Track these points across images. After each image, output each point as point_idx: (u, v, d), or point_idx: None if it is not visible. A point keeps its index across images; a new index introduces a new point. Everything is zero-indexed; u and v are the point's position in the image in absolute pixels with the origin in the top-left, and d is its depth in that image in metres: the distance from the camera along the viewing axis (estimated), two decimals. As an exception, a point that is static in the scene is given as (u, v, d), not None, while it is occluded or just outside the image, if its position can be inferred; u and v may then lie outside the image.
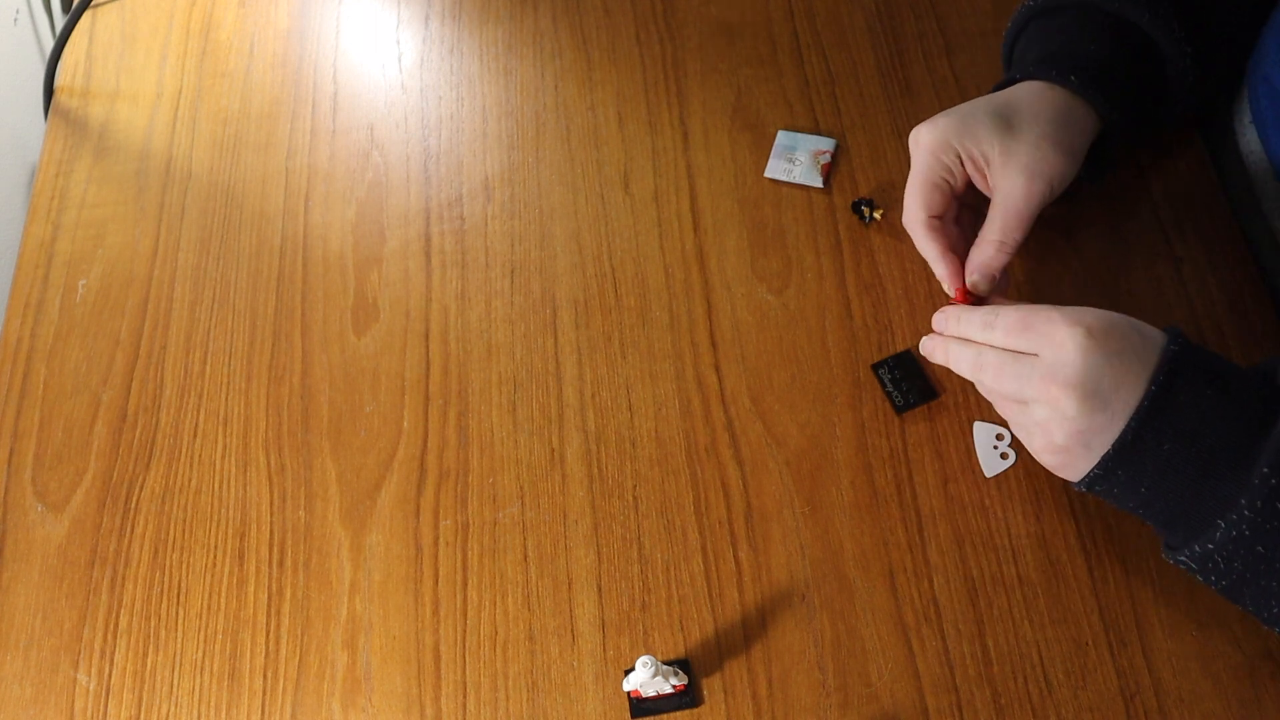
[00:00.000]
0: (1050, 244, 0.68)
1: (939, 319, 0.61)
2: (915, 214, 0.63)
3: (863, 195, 0.71)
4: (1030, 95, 0.62)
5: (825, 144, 0.73)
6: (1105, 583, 0.59)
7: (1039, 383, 0.52)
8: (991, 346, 0.56)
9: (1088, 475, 0.53)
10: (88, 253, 0.77)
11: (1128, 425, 0.50)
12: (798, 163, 0.73)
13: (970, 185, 0.63)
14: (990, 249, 0.61)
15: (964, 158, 0.61)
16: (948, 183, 0.62)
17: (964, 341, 0.58)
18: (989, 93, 0.65)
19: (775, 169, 0.73)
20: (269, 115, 0.81)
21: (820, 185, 0.72)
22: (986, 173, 0.61)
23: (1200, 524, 0.50)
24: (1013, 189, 0.60)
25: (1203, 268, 0.67)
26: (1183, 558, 0.51)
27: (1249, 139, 0.67)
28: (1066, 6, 0.65)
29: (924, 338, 0.62)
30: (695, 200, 0.73)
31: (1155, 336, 0.53)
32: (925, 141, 0.62)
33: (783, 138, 0.74)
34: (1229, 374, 0.51)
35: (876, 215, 0.70)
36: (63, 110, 0.84)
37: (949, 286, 0.62)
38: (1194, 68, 0.63)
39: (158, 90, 0.84)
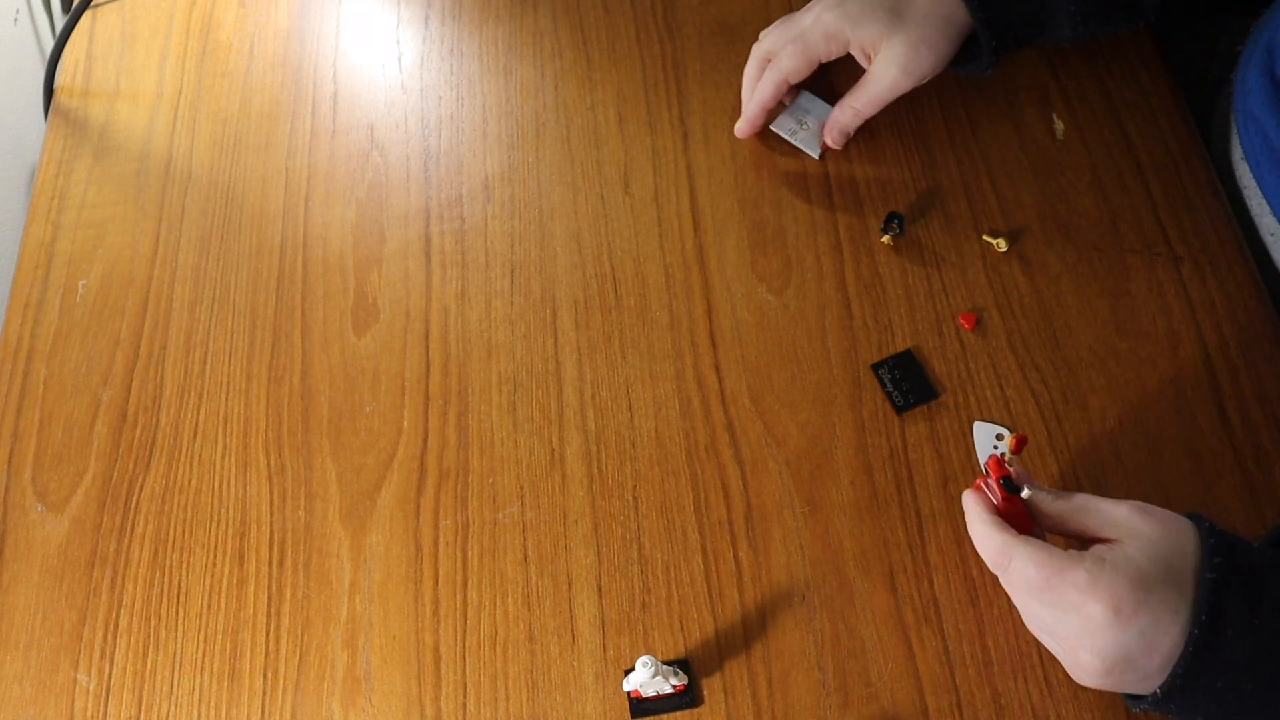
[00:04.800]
0: (1050, 244, 0.68)
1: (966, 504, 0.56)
2: (783, 70, 0.70)
3: (893, 209, 0.70)
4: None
5: (819, 108, 0.74)
6: (1105, 583, 0.59)
7: (1064, 640, 0.50)
8: (1014, 566, 0.51)
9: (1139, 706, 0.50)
10: (88, 253, 0.77)
11: (1174, 671, 0.47)
12: (805, 126, 0.73)
13: None
14: (849, 114, 0.71)
15: (853, 45, 0.69)
16: (819, 61, 0.70)
17: (993, 524, 0.53)
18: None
19: (782, 124, 0.74)
20: (269, 115, 0.81)
21: (816, 155, 0.73)
22: (871, 57, 0.69)
23: None
24: (884, 77, 0.68)
25: (1203, 268, 0.67)
26: None
27: (1243, 173, 0.68)
28: None
29: (965, 493, 0.56)
30: (695, 200, 0.73)
31: (1188, 557, 0.48)
32: (826, 23, 0.69)
33: (804, 98, 0.74)
34: (1272, 579, 0.48)
35: (886, 239, 0.70)
36: (63, 110, 0.84)
37: (744, 125, 0.73)
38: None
39: (158, 90, 0.84)
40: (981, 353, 0.66)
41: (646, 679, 0.53)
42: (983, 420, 0.64)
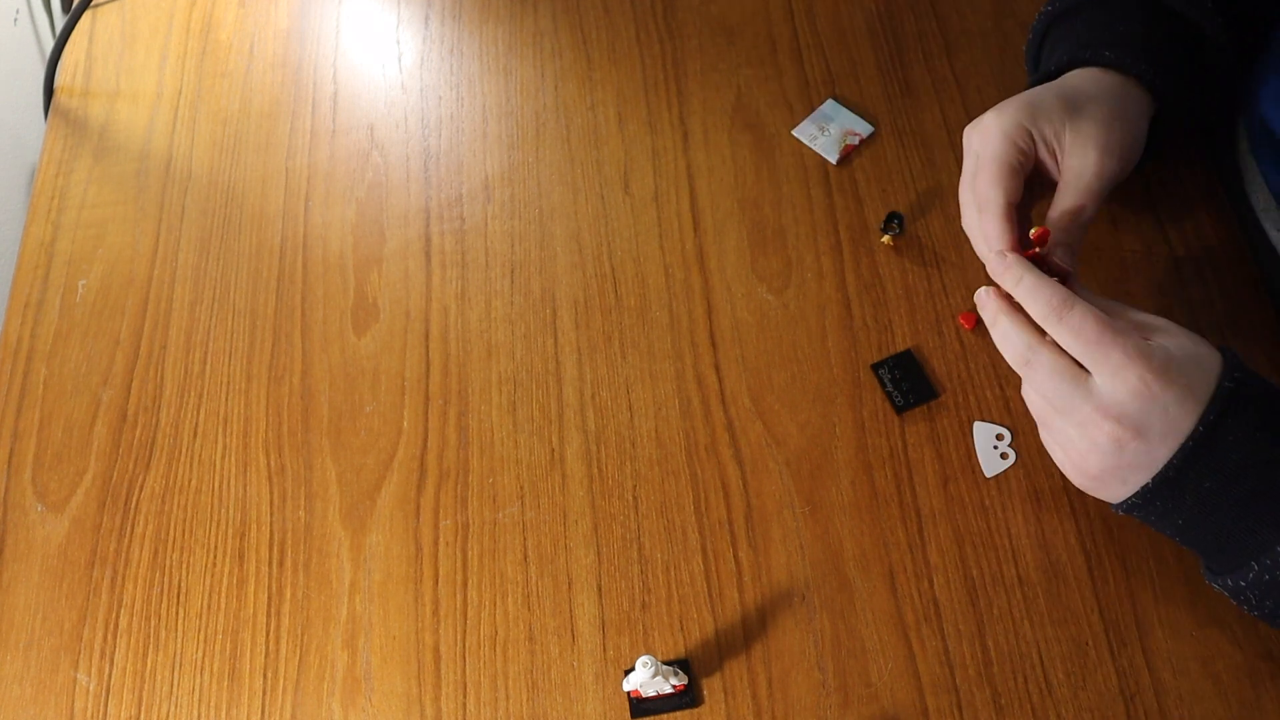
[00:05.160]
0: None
1: (1002, 267, 0.55)
2: (994, 203, 0.58)
3: (893, 209, 0.70)
4: (1085, 80, 0.61)
5: (862, 127, 0.74)
6: (1105, 583, 0.59)
7: (1088, 411, 0.51)
8: (1046, 344, 0.53)
9: (1124, 503, 0.53)
10: (88, 253, 0.77)
11: (1170, 462, 0.50)
12: (827, 133, 0.74)
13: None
14: (1066, 221, 0.58)
15: (1038, 139, 0.59)
16: (1023, 166, 0.59)
17: (1019, 320, 0.54)
18: (1024, 90, 0.63)
19: (804, 130, 0.74)
20: (269, 115, 0.81)
21: (834, 161, 0.73)
22: (1059, 154, 0.59)
23: (1236, 559, 0.51)
24: (1086, 167, 0.58)
25: (1203, 267, 0.67)
26: (1217, 585, 0.53)
27: (1248, 166, 0.67)
28: (1085, 6, 0.65)
29: (981, 290, 0.56)
30: (695, 200, 0.73)
31: (1212, 367, 0.51)
32: (997, 128, 0.59)
33: (828, 106, 0.75)
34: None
35: (886, 239, 0.70)
36: (63, 110, 0.84)
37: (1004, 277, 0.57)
38: (1226, 34, 0.62)
39: (158, 90, 0.84)
40: (981, 353, 0.66)
41: (646, 679, 0.53)
42: (983, 420, 0.64)
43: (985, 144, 0.59)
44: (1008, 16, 0.78)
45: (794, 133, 0.74)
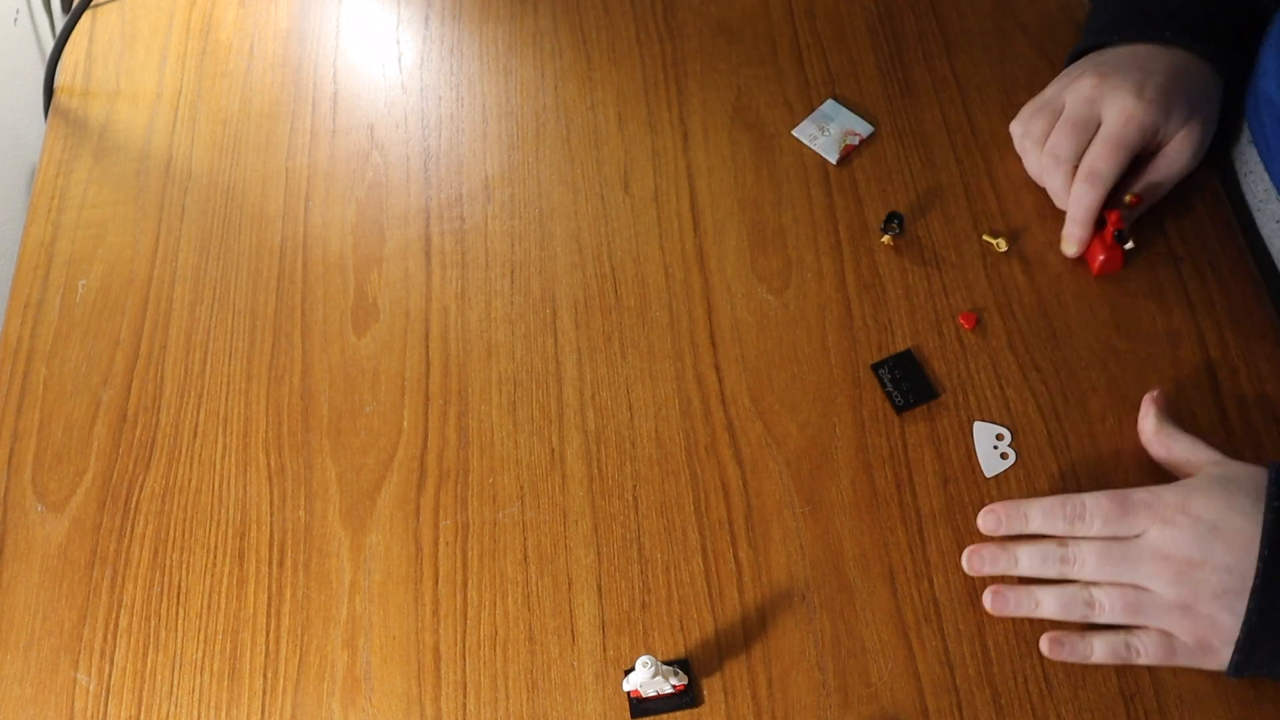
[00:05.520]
0: (1050, 244, 0.68)
1: (992, 517, 0.59)
2: (1106, 179, 0.64)
3: (893, 209, 0.70)
4: (1192, 72, 0.65)
5: (862, 127, 0.74)
6: (1105, 583, 0.59)
7: (1153, 560, 0.52)
8: (1082, 539, 0.55)
9: (1234, 660, 0.52)
10: (88, 253, 0.77)
11: (1260, 567, 0.50)
12: (827, 133, 0.74)
13: None
14: (1147, 194, 0.66)
15: (1157, 135, 0.65)
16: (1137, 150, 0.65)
17: (1032, 540, 0.57)
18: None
19: (804, 130, 0.74)
20: (269, 115, 0.81)
21: (834, 161, 0.73)
22: (1164, 146, 0.66)
23: None
24: (1182, 164, 0.66)
25: (1203, 268, 0.67)
26: None
27: (1248, 158, 0.67)
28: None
29: (968, 552, 0.59)
30: (695, 200, 0.73)
31: (1250, 476, 0.53)
32: (1141, 117, 0.64)
33: (828, 106, 0.75)
34: None
35: (886, 239, 0.70)
36: (63, 110, 0.84)
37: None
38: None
39: (158, 90, 0.84)
40: (981, 353, 0.66)
41: (646, 679, 0.53)
42: (983, 420, 0.64)
43: (1123, 125, 0.64)
44: (1008, 16, 0.78)
45: (794, 133, 0.74)
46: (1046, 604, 0.56)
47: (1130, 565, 0.53)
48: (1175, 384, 0.63)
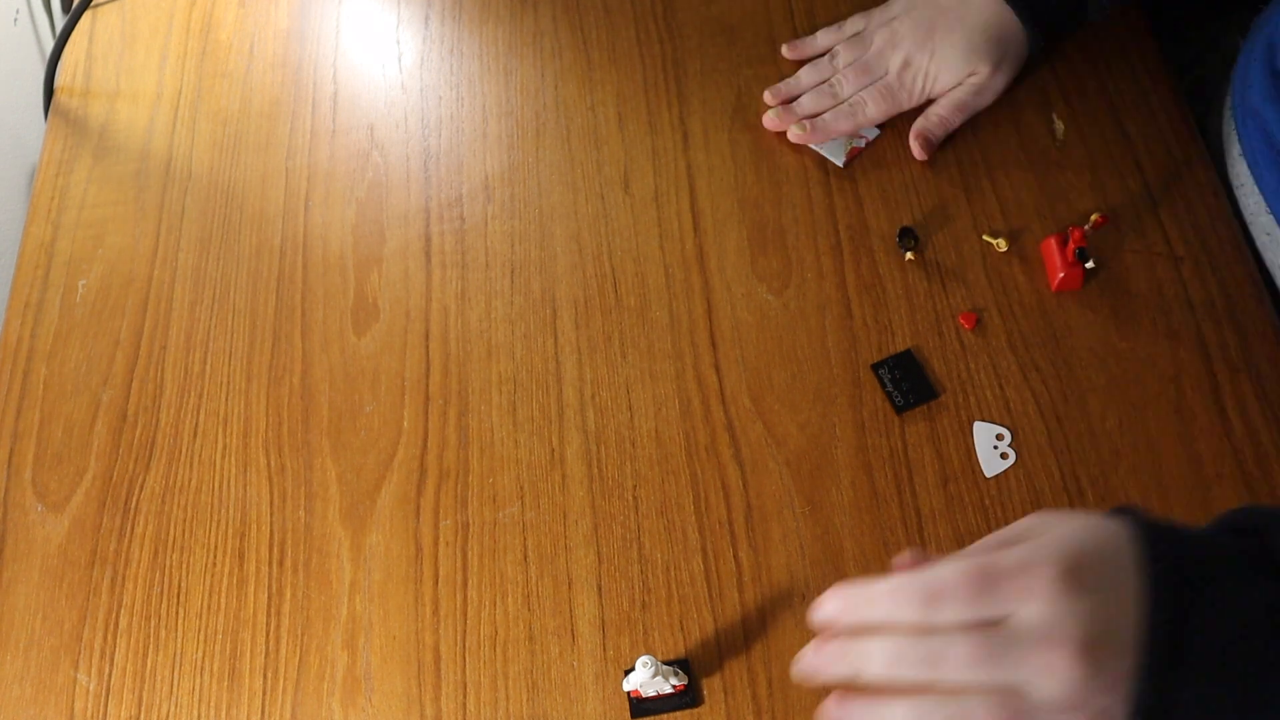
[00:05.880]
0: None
1: (832, 604, 0.43)
2: (870, 117, 0.73)
3: (894, 213, 0.70)
4: (994, 20, 0.71)
5: (869, 130, 0.74)
6: (1105, 583, 0.58)
7: (1035, 651, 0.39)
8: (937, 631, 0.41)
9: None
10: (88, 253, 0.77)
11: (1147, 646, 0.38)
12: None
13: None
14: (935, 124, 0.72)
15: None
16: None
17: (879, 636, 0.42)
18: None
19: None
20: (269, 115, 0.81)
21: (840, 164, 0.73)
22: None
23: None
24: (969, 101, 0.72)
25: (1203, 268, 0.67)
26: None
27: (1239, 171, 0.68)
28: None
29: (802, 655, 0.44)
30: (695, 200, 0.73)
31: (1123, 545, 0.41)
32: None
33: None
34: (1213, 548, 0.41)
35: (910, 256, 0.69)
36: (63, 110, 0.84)
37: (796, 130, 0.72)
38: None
39: (158, 90, 0.84)
40: (981, 353, 0.66)
41: (646, 679, 0.53)
42: (983, 420, 0.64)
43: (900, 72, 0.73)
44: (1008, 16, 0.78)
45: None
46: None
47: (1008, 663, 0.39)
48: (1175, 384, 0.63)
